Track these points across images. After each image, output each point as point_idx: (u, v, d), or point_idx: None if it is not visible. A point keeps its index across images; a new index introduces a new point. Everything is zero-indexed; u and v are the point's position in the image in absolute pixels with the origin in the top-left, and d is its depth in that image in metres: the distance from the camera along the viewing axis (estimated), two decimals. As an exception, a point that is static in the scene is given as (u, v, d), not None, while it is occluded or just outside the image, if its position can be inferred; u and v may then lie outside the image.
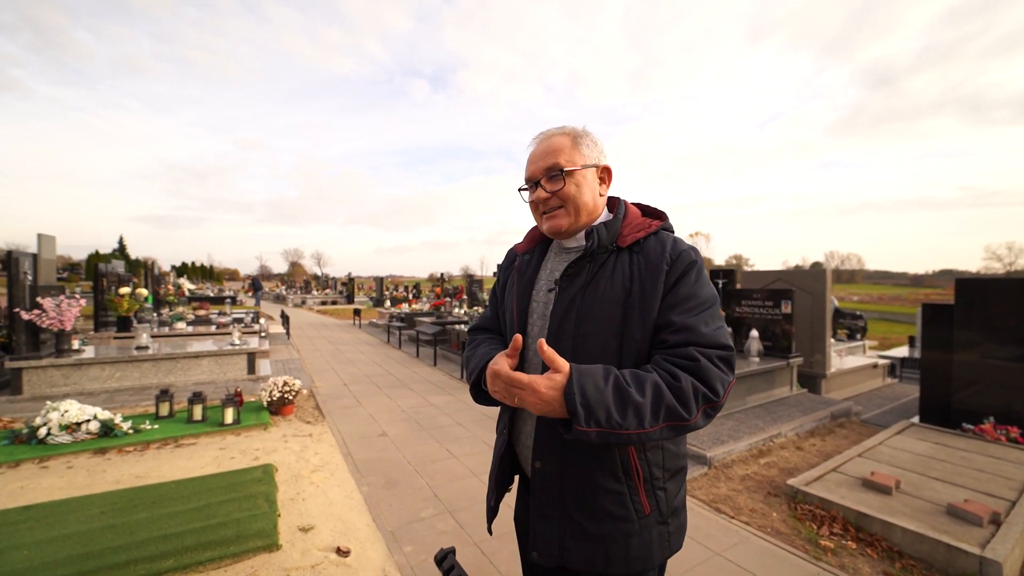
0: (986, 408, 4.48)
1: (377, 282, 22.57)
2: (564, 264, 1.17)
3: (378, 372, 7.29)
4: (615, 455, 1.04)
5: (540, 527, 1.10)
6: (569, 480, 1.07)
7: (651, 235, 1.10)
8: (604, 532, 1.05)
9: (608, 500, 1.05)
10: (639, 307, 1.03)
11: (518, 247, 1.35)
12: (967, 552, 2.41)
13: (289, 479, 3.37)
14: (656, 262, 1.05)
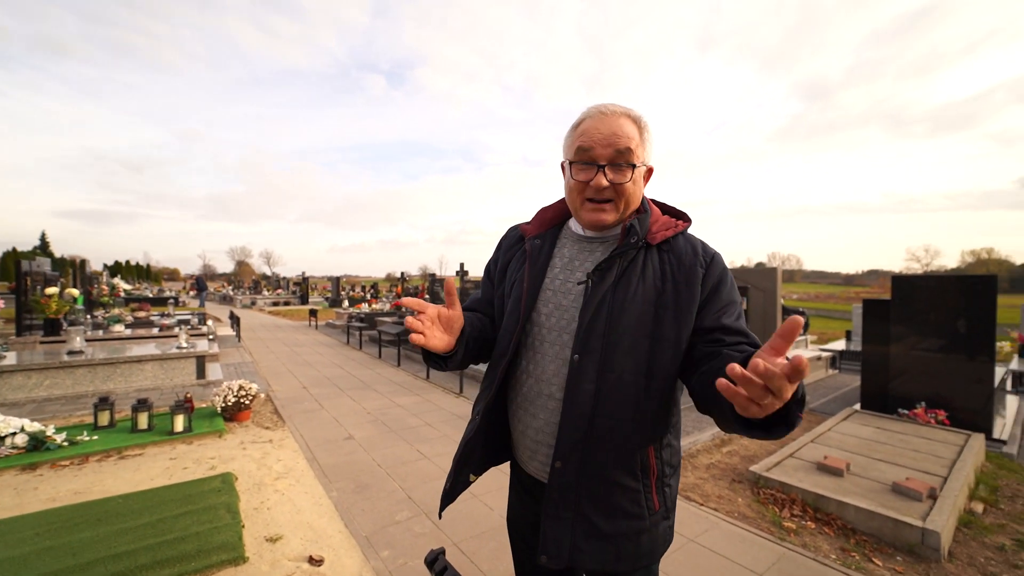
0: (917, 395, 4.91)
1: (333, 282, 21.81)
2: (585, 254, 1.13)
3: (339, 374, 7.04)
4: (636, 453, 1.03)
5: (551, 529, 1.05)
6: (587, 480, 1.03)
7: (679, 235, 1.09)
8: (617, 530, 1.03)
9: (625, 498, 1.03)
10: (672, 307, 1.01)
11: (526, 228, 1.24)
12: (911, 525, 2.62)
13: (251, 488, 3.18)
14: (690, 264, 1.04)
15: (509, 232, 1.32)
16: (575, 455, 1.02)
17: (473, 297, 1.34)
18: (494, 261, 1.31)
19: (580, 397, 1.01)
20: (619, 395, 1.00)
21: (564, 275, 1.12)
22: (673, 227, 1.09)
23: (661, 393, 1.02)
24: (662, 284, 1.03)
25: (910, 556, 2.55)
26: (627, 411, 1.01)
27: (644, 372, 1.01)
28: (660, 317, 1.01)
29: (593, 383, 1.01)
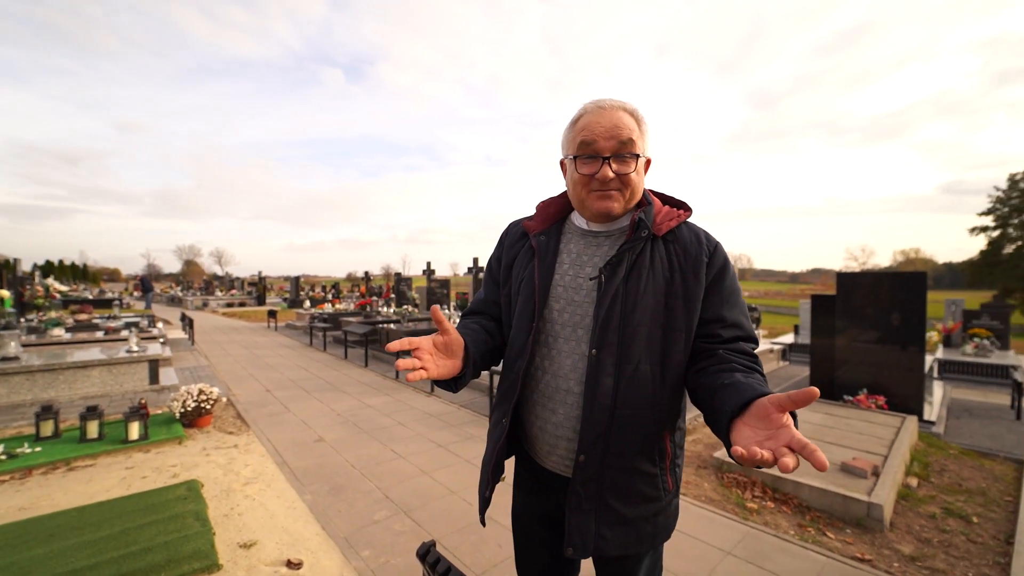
0: (860, 382, 5.32)
1: (292, 282, 21.03)
2: (592, 248, 1.13)
3: (304, 376, 6.84)
4: (654, 440, 1.06)
5: (575, 521, 1.07)
6: (609, 470, 1.05)
7: (682, 224, 1.12)
8: (637, 515, 1.07)
9: (644, 484, 1.07)
10: (682, 297, 1.04)
11: (529, 225, 1.23)
12: (858, 500, 2.86)
13: (219, 494, 3.07)
14: (695, 253, 1.06)
15: (510, 228, 1.30)
16: (598, 447, 1.04)
17: (477, 298, 1.33)
18: (497, 259, 1.29)
19: (600, 391, 1.03)
20: (637, 386, 1.03)
21: (574, 271, 1.13)
22: (676, 217, 1.11)
23: (675, 381, 1.06)
24: (671, 275, 1.05)
25: (858, 528, 2.79)
26: (645, 401, 1.03)
27: (659, 362, 1.04)
28: (671, 307, 1.04)
29: (612, 376, 1.03)
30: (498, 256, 1.29)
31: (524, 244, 1.23)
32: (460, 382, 1.11)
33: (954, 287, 35.46)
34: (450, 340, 1.04)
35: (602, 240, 1.13)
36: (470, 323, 1.25)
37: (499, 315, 1.27)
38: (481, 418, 4.88)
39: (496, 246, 1.32)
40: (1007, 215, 29.56)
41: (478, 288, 10.51)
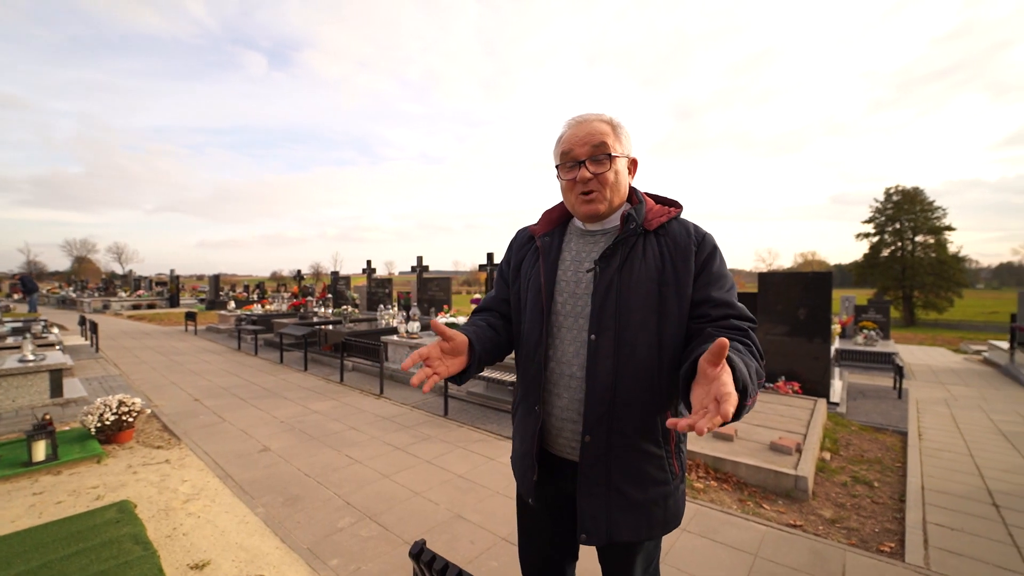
0: (778, 370, 5.95)
1: (210, 281, 19.31)
2: (590, 246, 1.23)
3: (237, 383, 6.35)
4: (657, 421, 1.12)
5: (587, 506, 1.13)
6: (616, 450, 1.12)
7: (672, 219, 1.20)
8: (648, 498, 1.13)
9: (652, 465, 1.13)
10: (674, 284, 1.12)
11: (534, 229, 1.34)
12: (787, 474, 3.23)
13: (157, 515, 2.80)
14: (684, 244, 1.15)
15: (519, 234, 1.41)
16: (602, 427, 1.11)
17: (489, 296, 1.42)
18: (506, 262, 1.40)
19: (601, 372, 1.11)
20: (635, 367, 1.10)
21: (574, 266, 1.23)
22: (667, 214, 1.21)
23: (672, 363, 1.12)
24: (662, 264, 1.14)
25: (787, 499, 3.15)
26: (644, 382, 1.11)
27: (656, 345, 1.11)
28: (664, 294, 1.12)
29: (611, 358, 1.11)
30: (508, 259, 1.40)
31: (531, 246, 1.34)
32: (466, 375, 1.19)
33: (843, 286, 40.29)
34: (454, 344, 1.13)
35: (598, 238, 1.24)
36: (478, 320, 1.33)
37: (507, 312, 1.36)
38: (435, 418, 4.84)
39: (506, 250, 1.43)
40: (884, 223, 34.21)
41: (422, 287, 10.35)
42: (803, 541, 2.60)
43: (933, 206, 32.57)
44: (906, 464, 3.86)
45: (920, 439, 4.58)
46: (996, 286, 69.22)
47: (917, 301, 31.92)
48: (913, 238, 33.03)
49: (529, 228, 1.37)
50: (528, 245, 1.34)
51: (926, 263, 31.81)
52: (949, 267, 31.32)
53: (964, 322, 29.54)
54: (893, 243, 33.79)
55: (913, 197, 33.02)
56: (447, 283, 9.58)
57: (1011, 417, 5.63)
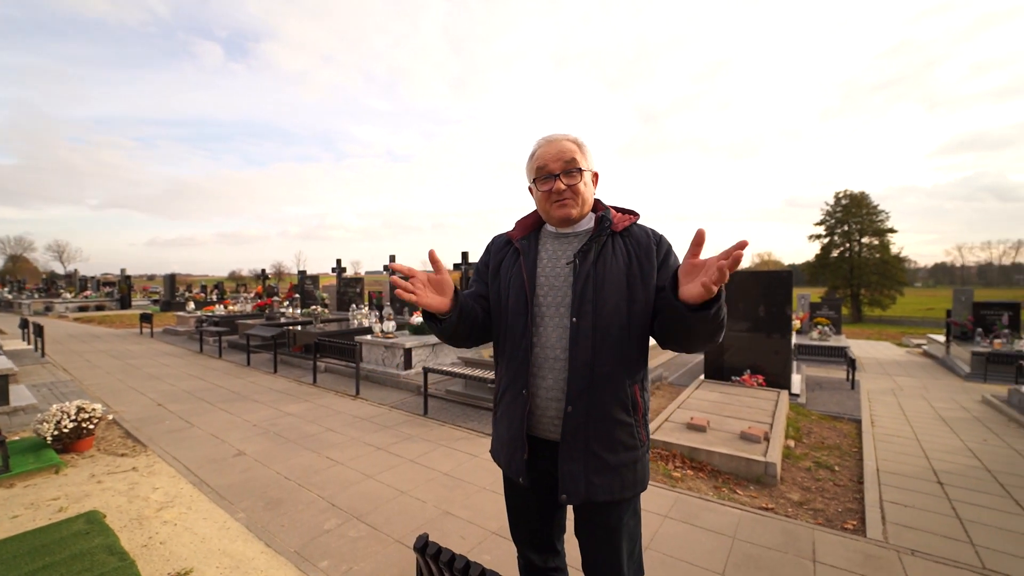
0: (743, 364, 6.24)
1: (167, 281, 18.33)
2: (564, 246, 1.40)
3: (202, 386, 6.09)
4: (627, 393, 1.29)
5: (567, 469, 1.28)
6: (592, 419, 1.27)
7: (634, 224, 1.41)
8: (620, 462, 1.28)
9: (623, 432, 1.29)
10: (639, 277, 1.31)
11: (511, 234, 1.49)
12: (757, 461, 3.42)
13: (129, 524, 2.68)
14: (646, 244, 1.35)
15: (496, 239, 1.56)
16: (583, 400, 1.27)
17: (467, 292, 1.50)
18: (485, 264, 1.54)
19: (581, 351, 1.28)
20: (610, 346, 1.28)
21: (552, 263, 1.39)
22: (629, 219, 1.41)
23: (640, 342, 1.32)
24: (628, 260, 1.33)
25: (758, 484, 3.33)
26: (618, 359, 1.28)
27: (626, 327, 1.29)
28: (632, 285, 1.31)
29: (589, 339, 1.28)
30: (486, 261, 1.55)
31: (509, 249, 1.49)
32: (447, 322, 1.31)
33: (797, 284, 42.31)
34: (442, 280, 1.29)
35: (571, 239, 1.41)
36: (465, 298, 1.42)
37: (487, 307, 1.47)
38: (415, 418, 4.82)
39: (483, 254, 1.59)
40: (833, 226, 36.23)
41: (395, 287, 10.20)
42: (775, 523, 2.77)
43: (877, 209, 34.78)
44: (862, 449, 4.15)
45: (873, 426, 4.93)
46: (932, 285, 74.72)
47: (864, 299, 34.02)
48: (860, 239, 35.16)
49: (506, 234, 1.53)
50: (506, 248, 1.49)
51: (871, 263, 33.95)
52: (892, 267, 33.55)
53: (905, 318, 31.73)
54: (842, 244, 35.85)
55: (860, 201, 35.15)
56: (421, 282, 9.49)
57: (949, 404, 6.14)
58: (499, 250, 1.51)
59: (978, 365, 8.47)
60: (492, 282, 1.48)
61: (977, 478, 3.58)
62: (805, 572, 2.31)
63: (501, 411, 1.42)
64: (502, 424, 1.41)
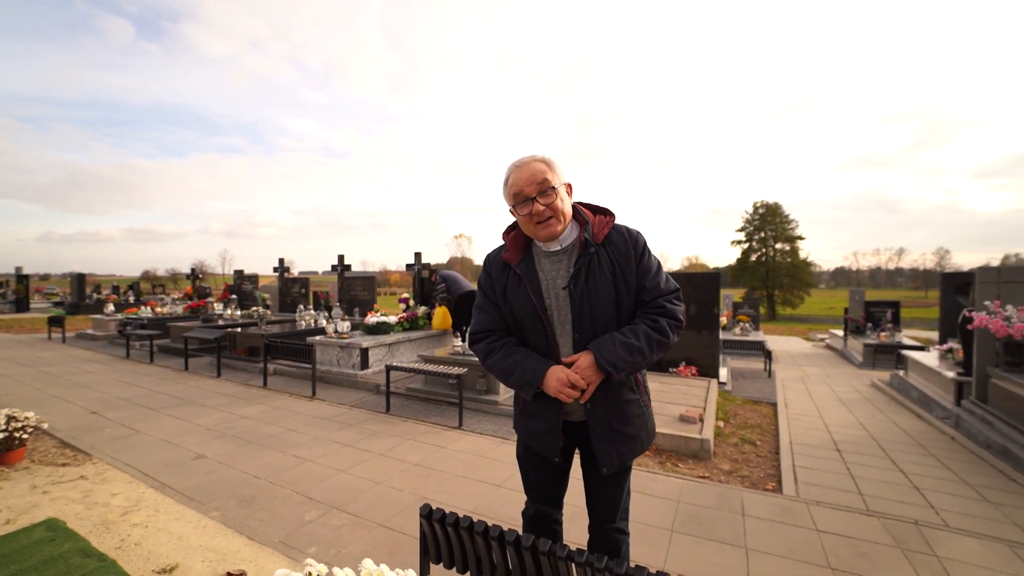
0: (679, 358, 6.89)
1: (75, 281, 16.49)
2: (556, 266, 1.58)
3: (139, 393, 5.73)
4: (629, 379, 1.56)
5: (601, 448, 1.53)
6: (610, 405, 1.53)
7: (612, 230, 1.56)
8: (635, 430, 1.57)
9: (632, 407, 1.57)
10: (624, 284, 1.53)
11: (508, 257, 1.62)
12: (695, 438, 3.91)
13: (94, 530, 2.60)
14: (625, 250, 1.54)
15: (493, 260, 1.69)
16: (599, 395, 1.52)
17: (485, 319, 1.67)
18: (490, 287, 1.67)
19: None
20: None
21: (551, 285, 1.57)
22: (607, 224, 1.57)
23: None
24: (614, 270, 1.52)
25: (695, 459, 3.82)
26: None
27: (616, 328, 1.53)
28: (619, 293, 1.53)
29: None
30: (490, 284, 1.68)
31: (508, 272, 1.63)
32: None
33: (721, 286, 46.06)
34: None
35: (561, 256, 1.59)
36: (508, 342, 1.64)
37: (508, 328, 1.67)
38: (378, 415, 4.90)
39: (483, 275, 1.73)
40: (752, 232, 39.72)
41: (345, 287, 10.03)
42: (711, 487, 3.24)
43: (789, 218, 38.62)
44: (778, 427, 4.82)
45: (786, 408, 5.69)
46: (833, 286, 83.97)
47: (777, 299, 37.64)
48: (774, 245, 38.86)
49: (502, 256, 1.65)
50: (506, 271, 1.63)
51: (784, 267, 37.65)
52: (801, 270, 37.44)
53: (811, 316, 35.54)
54: (759, 249, 39.41)
55: (774, 210, 38.84)
56: (372, 283, 9.41)
57: (846, 388, 7.17)
58: (500, 274, 1.65)
59: (868, 355, 9.86)
60: (503, 304, 1.63)
61: (865, 445, 4.33)
62: (737, 524, 2.77)
63: (533, 407, 1.61)
64: (536, 418, 1.61)
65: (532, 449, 1.68)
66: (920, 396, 6.07)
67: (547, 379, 1.49)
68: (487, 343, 1.65)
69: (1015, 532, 2.77)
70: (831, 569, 2.35)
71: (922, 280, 70.39)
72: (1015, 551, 2.55)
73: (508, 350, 1.61)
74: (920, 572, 2.34)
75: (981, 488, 3.40)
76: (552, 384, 1.48)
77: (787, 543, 2.58)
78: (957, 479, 3.56)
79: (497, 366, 1.61)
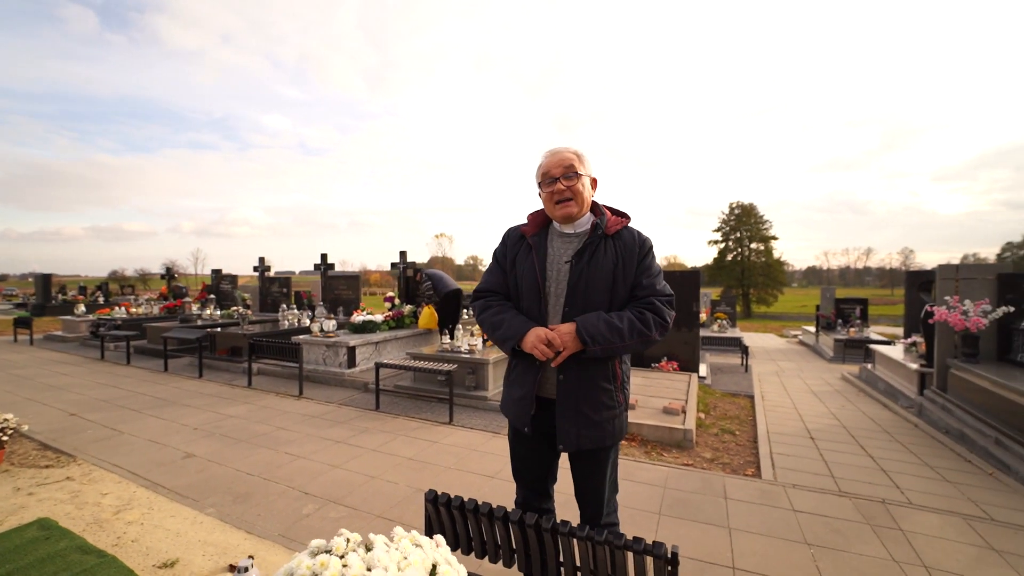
0: (660, 354, 7.08)
1: (40, 281, 15.83)
2: (566, 245, 1.70)
3: (119, 394, 5.61)
4: (607, 366, 1.65)
5: (563, 426, 1.63)
6: (582, 386, 1.62)
7: (624, 228, 1.71)
8: (602, 418, 1.64)
9: (604, 396, 1.65)
10: (623, 276, 1.64)
11: (526, 229, 1.77)
12: (678, 428, 4.08)
13: (88, 528, 2.59)
14: (632, 247, 1.66)
15: (511, 232, 1.84)
16: (574, 370, 1.62)
17: (491, 280, 1.81)
18: (503, 254, 1.82)
19: None
20: None
21: (555, 260, 1.70)
22: (620, 223, 1.71)
23: None
24: (616, 261, 1.64)
25: (679, 448, 3.98)
26: None
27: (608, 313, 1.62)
28: (616, 281, 1.64)
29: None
30: (503, 252, 1.83)
31: (523, 244, 1.78)
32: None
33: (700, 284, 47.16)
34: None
35: (572, 239, 1.72)
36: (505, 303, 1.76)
37: (508, 293, 1.80)
38: (367, 412, 4.92)
39: (500, 245, 1.88)
40: (728, 232, 40.71)
41: (328, 286, 9.94)
42: (695, 474, 3.40)
43: (763, 219, 39.72)
44: (755, 417, 5.04)
45: (763, 400, 5.94)
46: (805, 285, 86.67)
47: (752, 297, 38.68)
48: (749, 245, 39.92)
49: (521, 228, 1.81)
50: (520, 242, 1.78)
51: (759, 266, 38.72)
52: (775, 269, 38.55)
53: (784, 313, 36.66)
54: (735, 249, 40.43)
55: (750, 211, 39.89)
56: (356, 282, 9.36)
57: (818, 381, 7.50)
58: (515, 243, 1.79)
59: (839, 350, 10.30)
60: (510, 271, 1.77)
61: (837, 433, 4.58)
62: (720, 506, 2.93)
63: (515, 376, 1.75)
64: (515, 386, 1.73)
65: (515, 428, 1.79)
66: (887, 387, 6.41)
67: (527, 335, 1.59)
68: (486, 300, 1.79)
69: (970, 507, 3.01)
70: (807, 544, 2.52)
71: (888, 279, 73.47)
72: (969, 523, 2.78)
73: (501, 307, 1.74)
74: (887, 545, 2.53)
75: (941, 469, 3.65)
76: (530, 339, 1.58)
77: (767, 522, 2.74)
78: (920, 462, 3.82)
79: (488, 320, 1.74)
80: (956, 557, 2.43)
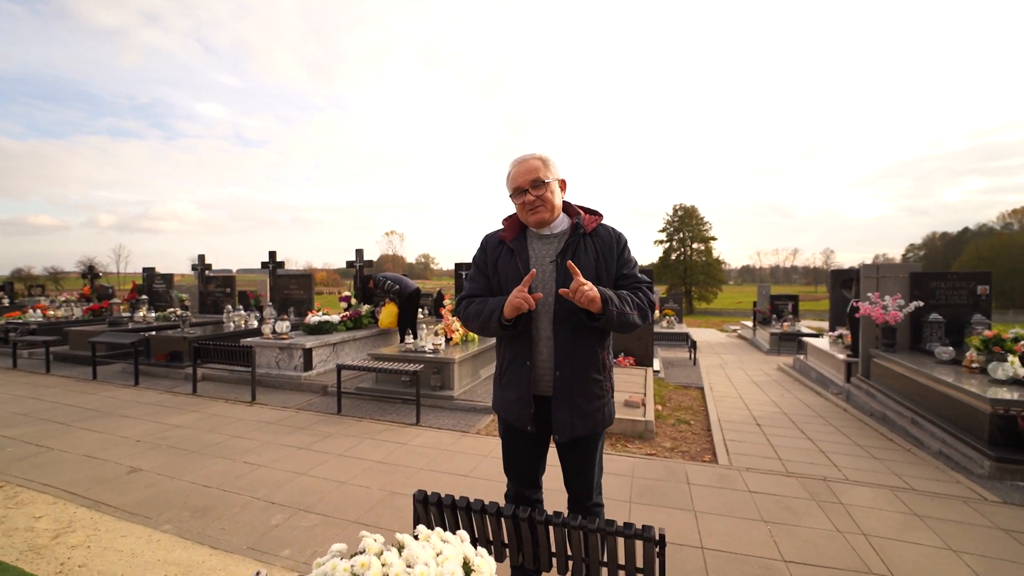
0: (618, 349, 7.36)
1: (-73, 282, 13.85)
2: (547, 246, 1.78)
3: (42, 407, 5.06)
4: (598, 357, 1.74)
5: (558, 417, 1.70)
6: (576, 379, 1.70)
7: (599, 225, 1.81)
8: (592, 408, 1.73)
9: (595, 387, 1.74)
10: (605, 268, 1.74)
11: (504, 235, 1.84)
12: (639, 420, 4.27)
13: (23, 556, 2.35)
14: (609, 243, 1.77)
15: (490, 238, 1.90)
16: (567, 365, 1.70)
17: (473, 286, 1.86)
18: (483, 260, 1.88)
19: (564, 331, 1.70)
20: (583, 324, 1.67)
21: (540, 260, 1.78)
22: (596, 221, 1.81)
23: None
24: (598, 256, 1.74)
25: (641, 439, 4.18)
26: (589, 333, 1.71)
27: None
28: (600, 276, 1.73)
29: (569, 321, 1.69)
30: (483, 258, 1.89)
31: (503, 248, 1.85)
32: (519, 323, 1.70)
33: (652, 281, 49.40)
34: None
35: (551, 239, 1.81)
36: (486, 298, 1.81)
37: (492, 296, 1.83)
38: (329, 417, 4.76)
39: (479, 251, 1.94)
40: (672, 233, 42.72)
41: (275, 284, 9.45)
42: (658, 462, 3.59)
43: (704, 220, 42.04)
44: (707, 407, 5.37)
45: (712, 391, 6.33)
46: (740, 282, 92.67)
47: (694, 294, 40.86)
48: (692, 245, 42.13)
49: (497, 234, 1.88)
50: (500, 247, 1.84)
51: (700, 265, 40.97)
52: (714, 268, 40.95)
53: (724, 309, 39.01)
54: (679, 249, 42.52)
55: (692, 213, 42.08)
56: (308, 281, 8.96)
57: (758, 372, 8.08)
58: (495, 248, 1.85)
59: (774, 342, 11.13)
60: (492, 276, 1.82)
61: (779, 419, 4.97)
62: (684, 490, 3.12)
63: (507, 378, 1.78)
64: (509, 388, 1.77)
65: (510, 424, 1.84)
66: (818, 376, 7.03)
67: (509, 299, 1.64)
68: (467, 302, 1.83)
69: (895, 480, 3.39)
70: (764, 522, 2.75)
71: (812, 277, 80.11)
72: (895, 494, 3.14)
73: (481, 299, 1.80)
74: (831, 516, 2.81)
75: (868, 448, 4.08)
76: (511, 299, 1.62)
77: (727, 504, 2.95)
78: (851, 442, 4.24)
79: (473, 311, 1.78)
80: (888, 524, 2.74)
